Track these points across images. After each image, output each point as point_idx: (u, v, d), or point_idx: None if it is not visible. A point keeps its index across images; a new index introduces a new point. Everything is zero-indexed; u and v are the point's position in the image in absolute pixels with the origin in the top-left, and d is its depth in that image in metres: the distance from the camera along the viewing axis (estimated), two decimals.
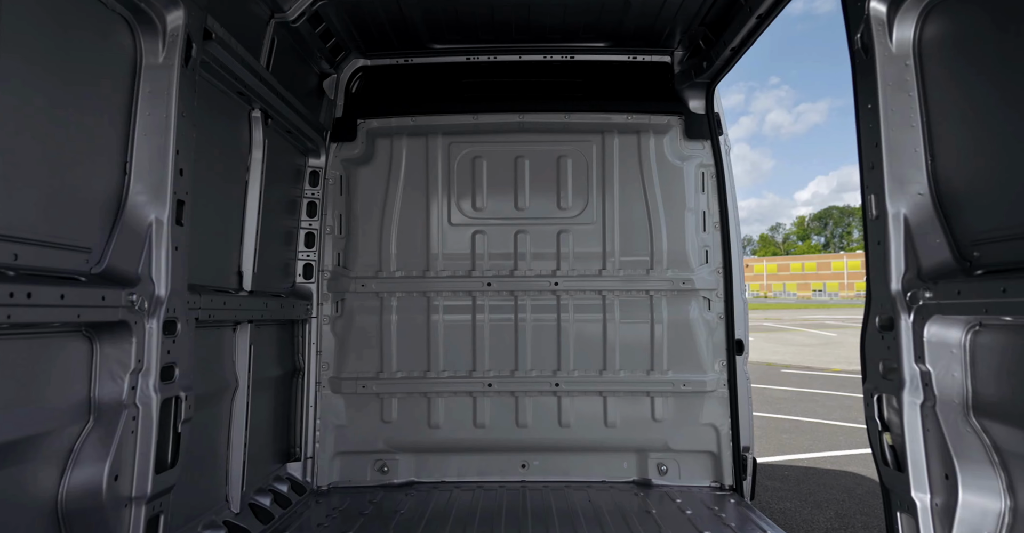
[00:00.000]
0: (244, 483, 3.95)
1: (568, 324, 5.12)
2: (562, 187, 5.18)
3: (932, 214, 2.67)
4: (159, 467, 2.72)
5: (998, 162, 2.38)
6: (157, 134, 2.79)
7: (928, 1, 2.61)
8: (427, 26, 4.76)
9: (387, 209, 5.17)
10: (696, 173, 5.10)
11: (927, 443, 2.58)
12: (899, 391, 2.66)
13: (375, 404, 5.09)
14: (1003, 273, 2.28)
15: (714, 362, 5.02)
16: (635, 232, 5.13)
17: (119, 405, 2.60)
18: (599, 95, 5.13)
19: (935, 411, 2.56)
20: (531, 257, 5.17)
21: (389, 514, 4.38)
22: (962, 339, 2.56)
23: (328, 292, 5.10)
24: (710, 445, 4.97)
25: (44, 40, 2.25)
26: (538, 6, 4.47)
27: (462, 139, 5.20)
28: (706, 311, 5.07)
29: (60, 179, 2.40)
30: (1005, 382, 2.38)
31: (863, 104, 2.85)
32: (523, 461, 5.13)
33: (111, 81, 2.66)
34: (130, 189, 2.74)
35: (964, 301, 2.41)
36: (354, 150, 5.13)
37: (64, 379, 2.45)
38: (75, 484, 2.45)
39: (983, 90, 2.44)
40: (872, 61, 2.78)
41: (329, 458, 5.01)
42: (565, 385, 5.07)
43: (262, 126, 4.05)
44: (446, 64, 5.20)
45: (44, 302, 2.15)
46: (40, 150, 2.26)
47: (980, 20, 2.44)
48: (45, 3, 2.25)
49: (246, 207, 4.03)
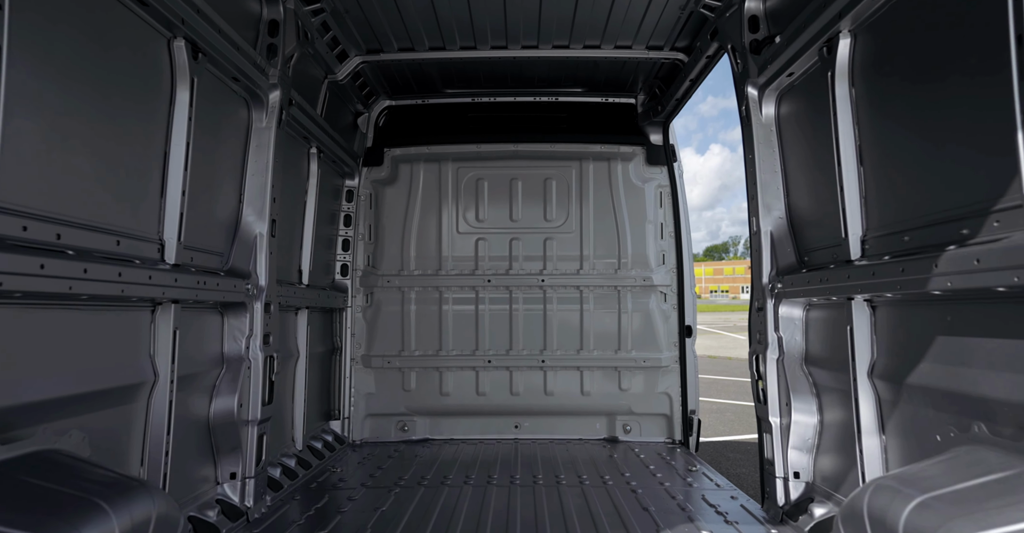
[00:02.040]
0: (304, 430, 5.22)
1: (552, 313, 6.38)
2: (548, 203, 6.45)
3: (787, 231, 3.94)
4: (264, 402, 4.00)
5: (816, 199, 3.65)
6: (259, 175, 4.07)
7: (780, 90, 3.88)
8: (440, 77, 6.04)
9: (407, 220, 6.44)
10: (655, 192, 6.37)
11: (779, 384, 3.85)
12: (766, 351, 3.92)
13: (397, 376, 6.36)
14: (817, 270, 3.54)
15: (668, 343, 6.28)
16: (606, 239, 6.39)
17: (240, 358, 3.88)
18: (578, 129, 6.40)
19: (783, 363, 3.83)
20: (523, 259, 6.44)
21: (409, 460, 5.62)
22: (801, 314, 3.83)
23: (360, 287, 6.37)
24: (664, 409, 6.23)
25: (205, 116, 3.51)
26: (529, 64, 5.75)
27: (468, 164, 6.47)
28: (663, 303, 6.33)
29: (212, 208, 3.68)
30: (820, 341, 3.65)
31: (746, 154, 4.13)
32: (516, 422, 6.39)
33: (235, 140, 3.94)
34: (243, 212, 4.02)
35: (798, 288, 3.68)
36: (381, 173, 6.41)
37: (210, 339, 3.74)
38: (217, 408, 3.74)
39: (807, 151, 3.71)
40: (750, 126, 4.05)
41: (361, 419, 6.28)
42: (549, 361, 6.34)
43: (317, 159, 5.33)
44: (455, 104, 6.47)
45: (209, 287, 3.44)
46: (201, 188, 3.53)
47: (805, 104, 3.71)
48: (208, 94, 3.51)
49: (305, 220, 5.31)
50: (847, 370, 3.24)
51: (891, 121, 2.97)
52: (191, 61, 3.24)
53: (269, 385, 4.11)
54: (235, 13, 3.77)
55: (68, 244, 2.50)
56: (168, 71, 3.20)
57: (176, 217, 3.23)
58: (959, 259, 2.32)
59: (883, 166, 3.05)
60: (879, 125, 3.06)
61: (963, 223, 2.43)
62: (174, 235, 3.23)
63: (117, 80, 2.84)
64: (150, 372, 3.14)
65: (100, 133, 2.74)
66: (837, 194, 3.27)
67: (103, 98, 2.75)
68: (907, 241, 2.80)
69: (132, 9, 2.89)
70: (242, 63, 3.68)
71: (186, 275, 3.27)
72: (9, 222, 2.21)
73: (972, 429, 2.35)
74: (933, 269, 2.44)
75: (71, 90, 2.54)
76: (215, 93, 3.64)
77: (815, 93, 3.51)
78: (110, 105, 2.80)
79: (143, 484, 2.42)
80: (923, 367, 2.76)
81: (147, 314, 3.15)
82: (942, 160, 2.60)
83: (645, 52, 5.40)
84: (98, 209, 2.73)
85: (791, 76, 3.73)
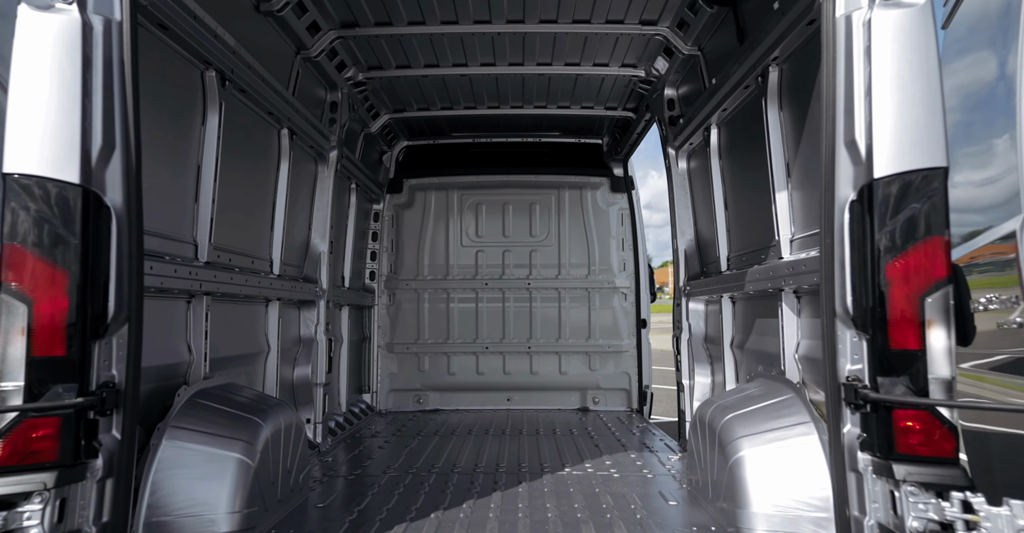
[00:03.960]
0: (346, 398, 6.89)
1: (536, 309, 8.05)
2: (532, 222, 8.12)
3: (695, 250, 5.62)
4: (326, 371, 5.67)
5: (707, 230, 5.33)
6: (322, 210, 5.74)
7: (688, 151, 5.57)
8: (448, 125, 7.72)
9: (422, 236, 8.11)
10: (617, 214, 8.04)
11: (688, 357, 5.52)
12: (681, 334, 5.60)
13: (414, 359, 8.02)
14: (709, 278, 5.21)
15: (628, 333, 7.94)
16: (579, 251, 8.05)
17: (311, 340, 5.55)
18: (556, 164, 8.07)
19: (691, 342, 5.51)
20: (513, 266, 8.10)
21: (424, 423, 7.27)
22: (703, 308, 5.51)
23: (384, 289, 8.04)
24: (625, 384, 7.90)
25: (294, 175, 5.16)
26: (516, 117, 7.41)
27: (469, 191, 8.13)
28: (623, 301, 8.00)
29: (295, 235, 5.36)
30: (711, 326, 5.34)
31: (669, 194, 5.80)
32: (508, 396, 8.05)
33: (308, 186, 5.62)
34: (312, 236, 5.69)
35: (700, 290, 5.36)
36: (401, 199, 8.08)
37: (292, 326, 5.42)
38: (297, 373, 5.41)
39: (703, 197, 5.39)
40: (671, 175, 5.73)
41: (386, 393, 7.95)
42: (534, 348, 8.00)
43: (355, 191, 7.01)
44: (459, 144, 8.15)
45: (296, 290, 5.12)
46: (291, 222, 5.20)
47: (699, 165, 5.39)
48: (297, 160, 5.17)
49: (346, 237, 6.98)
50: (722, 344, 4.93)
51: (735, 186, 4.67)
52: (289, 141, 4.93)
53: (328, 359, 5.78)
54: (312, 102, 5.46)
55: (234, 263, 4.18)
56: (276, 149, 4.89)
57: (280, 242, 4.92)
58: (752, 273, 4.01)
59: (733, 213, 4.75)
60: (732, 187, 4.76)
61: (757, 251, 4.12)
62: (279, 255, 4.91)
63: (247, 155, 4.52)
64: (265, 345, 4.83)
65: (242, 189, 4.43)
66: (715, 228, 4.95)
67: (245, 162, 4.44)
68: (744, 260, 4.49)
69: (257, 111, 4.56)
70: (315, 136, 5.36)
71: (284, 281, 4.95)
72: (215, 254, 3.89)
73: (759, 369, 4.05)
74: (744, 279, 4.13)
75: (229, 158, 4.20)
76: (301, 159, 5.32)
77: (703, 159, 5.19)
78: (243, 169, 4.48)
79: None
80: (746, 337, 4.46)
81: (263, 307, 4.84)
82: (751, 213, 4.30)
83: (603, 111, 7.08)
84: (244, 241, 4.42)
85: (692, 145, 5.42)
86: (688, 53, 5.05)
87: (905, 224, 2.31)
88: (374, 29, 5.13)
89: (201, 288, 3.67)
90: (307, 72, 5.27)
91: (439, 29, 5.11)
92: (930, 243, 2.29)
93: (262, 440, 3.47)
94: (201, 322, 3.82)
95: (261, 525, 3.40)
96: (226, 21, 3.88)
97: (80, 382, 2.28)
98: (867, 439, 2.37)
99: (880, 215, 2.33)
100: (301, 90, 5.19)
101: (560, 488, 4.32)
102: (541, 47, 5.55)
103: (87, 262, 2.30)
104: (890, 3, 2.34)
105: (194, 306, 3.80)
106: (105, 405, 2.35)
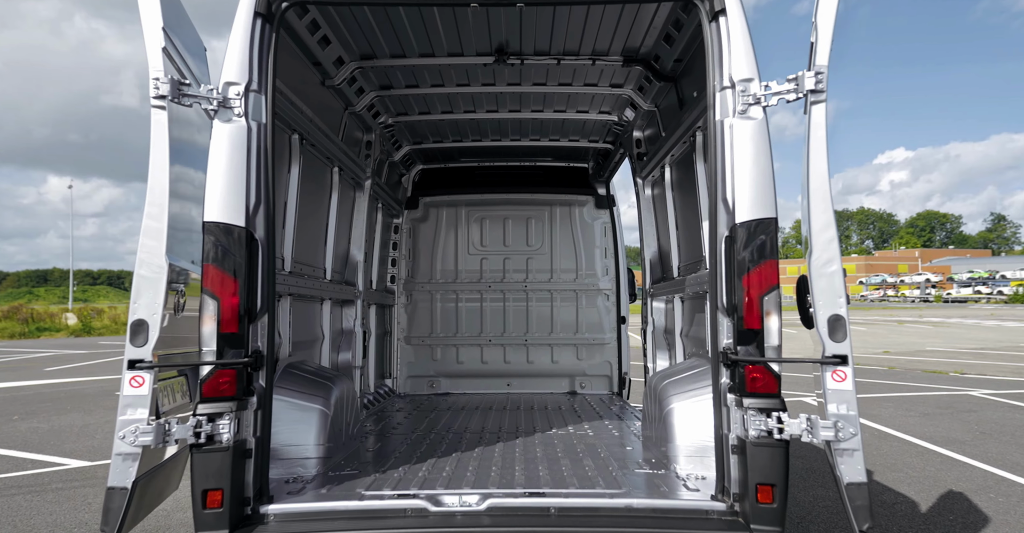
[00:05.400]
0: (373, 382, 8.33)
1: (532, 308, 9.47)
2: (529, 234, 9.55)
3: (658, 259, 7.06)
4: (362, 356, 7.09)
5: (666, 244, 6.78)
6: (359, 228, 7.18)
7: (652, 180, 7.02)
8: (458, 152, 9.16)
9: (434, 246, 9.54)
10: (601, 227, 9.47)
11: (652, 346, 6.95)
12: (647, 326, 7.04)
13: (428, 350, 9.45)
14: (667, 282, 6.65)
15: (610, 328, 9.36)
16: (568, 258, 9.48)
17: (351, 331, 6.99)
18: (549, 184, 9.50)
19: (654, 334, 6.94)
20: (512, 271, 9.53)
21: (438, 403, 8.67)
22: (663, 306, 6.95)
23: (403, 290, 9.46)
24: (607, 371, 9.33)
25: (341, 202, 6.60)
26: (515, 147, 8.84)
27: (475, 207, 9.56)
28: (606, 301, 9.43)
29: (340, 248, 6.80)
30: (669, 321, 6.78)
31: (638, 215, 7.24)
32: (507, 382, 9.47)
33: (348, 210, 7.05)
34: (351, 248, 7.13)
35: (660, 292, 6.80)
36: (417, 214, 9.51)
37: (338, 319, 6.86)
38: (340, 358, 6.84)
39: (663, 217, 6.83)
40: (639, 200, 7.17)
41: (404, 378, 9.38)
42: (530, 340, 9.42)
43: (381, 210, 8.44)
44: (467, 167, 9.58)
45: (342, 292, 6.57)
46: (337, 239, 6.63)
47: (659, 192, 6.82)
48: (343, 190, 6.60)
49: (373, 248, 8.41)
50: (675, 333, 6.36)
51: (683, 212, 6.12)
52: (339, 176, 6.37)
53: (364, 347, 7.22)
54: (352, 141, 6.90)
55: (303, 272, 5.62)
56: (329, 183, 6.34)
57: (330, 254, 6.36)
58: (691, 280, 5.46)
59: (682, 232, 6.19)
60: (681, 213, 6.20)
61: (693, 263, 5.57)
62: (329, 265, 6.35)
63: (311, 190, 5.97)
64: (320, 334, 6.27)
65: (308, 215, 5.87)
66: (670, 243, 6.39)
67: (310, 195, 5.87)
68: (688, 269, 5.93)
69: (319, 157, 5.99)
70: (355, 169, 6.81)
71: (333, 285, 6.40)
72: (296, 266, 5.32)
73: (692, 350, 5.49)
74: (686, 284, 5.57)
75: (302, 194, 5.63)
76: (345, 188, 6.77)
77: (661, 189, 6.63)
78: (308, 200, 5.92)
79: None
80: (690, 328, 5.91)
81: (319, 305, 6.28)
82: (691, 234, 5.75)
83: (587, 143, 8.52)
84: (308, 255, 5.86)
85: (654, 177, 6.86)
86: (648, 108, 6.49)
87: (753, 251, 3.73)
88: (404, 90, 6.58)
89: (287, 291, 5.11)
90: (351, 121, 6.71)
91: (454, 90, 6.56)
92: (768, 263, 3.72)
93: (334, 398, 4.92)
94: (287, 315, 5.26)
95: (335, 456, 4.84)
96: (303, 95, 5.32)
97: (244, 349, 3.71)
98: (732, 385, 3.78)
99: (740, 246, 3.75)
100: (346, 135, 6.63)
101: (547, 441, 5.75)
102: (535, 100, 7.00)
103: (247, 275, 3.73)
104: (744, 116, 3.77)
105: (282, 303, 5.23)
106: (256, 364, 3.78)
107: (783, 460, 3.55)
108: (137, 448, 3.35)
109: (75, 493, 7.32)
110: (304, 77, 5.48)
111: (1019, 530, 6.10)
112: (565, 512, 3.78)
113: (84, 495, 7.23)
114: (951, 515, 6.50)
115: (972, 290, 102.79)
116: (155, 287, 3.50)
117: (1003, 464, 8.39)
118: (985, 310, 66.06)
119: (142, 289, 3.50)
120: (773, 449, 3.54)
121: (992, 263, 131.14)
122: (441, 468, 4.69)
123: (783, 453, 3.55)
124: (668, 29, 5.29)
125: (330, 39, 5.42)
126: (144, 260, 3.52)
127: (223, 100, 3.71)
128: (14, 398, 14.49)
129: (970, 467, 8.30)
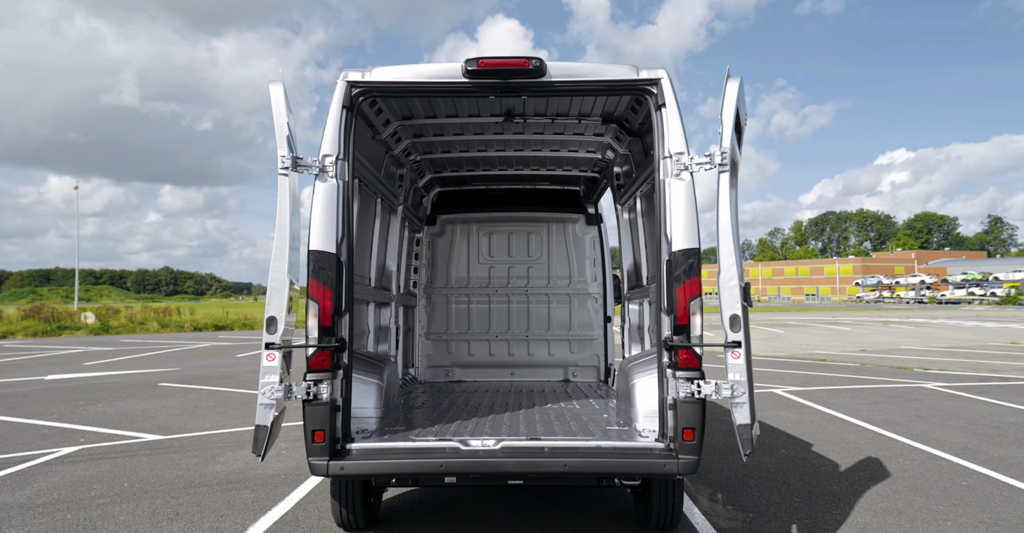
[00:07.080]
0: (401, 370, 10.05)
1: (532, 309, 11.19)
2: (529, 246, 11.27)
3: (633, 270, 8.79)
4: (396, 347, 8.81)
5: (639, 258, 8.49)
6: (394, 244, 8.91)
7: (628, 206, 8.74)
8: (471, 179, 10.89)
9: (450, 256, 11.26)
10: (590, 241, 11.19)
11: (627, 339, 8.67)
12: (624, 324, 8.76)
13: (444, 344, 11.17)
14: (640, 288, 8.36)
15: (598, 326, 11.08)
16: (562, 267, 11.20)
17: (388, 327, 8.72)
18: (547, 204, 11.23)
19: (630, 330, 8.67)
20: (515, 278, 11.24)
21: (453, 388, 10.39)
22: (637, 308, 8.67)
23: (423, 293, 11.18)
24: (595, 362, 11.05)
25: (381, 225, 8.33)
26: (518, 174, 10.56)
27: (484, 224, 11.29)
28: (595, 303, 11.15)
29: (380, 260, 8.53)
30: (640, 318, 8.50)
31: (618, 234, 8.96)
32: (511, 371, 11.18)
33: (386, 228, 8.79)
34: (387, 261, 8.86)
35: (634, 296, 8.52)
36: (435, 229, 11.24)
37: (380, 318, 8.59)
38: (379, 349, 8.57)
39: (635, 236, 8.55)
40: (619, 221, 8.90)
41: (424, 368, 11.10)
42: (531, 336, 11.14)
43: (408, 227, 10.17)
44: (478, 190, 11.31)
45: (381, 296, 8.30)
46: (378, 252, 8.36)
47: (632, 216, 8.55)
48: (382, 214, 8.33)
49: (400, 257, 10.13)
50: (644, 330, 8.09)
51: (649, 234, 7.85)
52: (380, 205, 8.11)
53: (396, 341, 8.94)
54: (389, 177, 8.63)
55: (357, 281, 7.36)
56: (373, 211, 8.07)
57: (374, 266, 8.09)
58: (653, 289, 7.18)
59: (649, 250, 7.92)
60: (649, 234, 7.92)
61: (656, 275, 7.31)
62: (374, 274, 8.08)
63: (362, 218, 7.70)
64: (366, 329, 8.00)
65: (359, 237, 7.60)
66: (641, 258, 8.10)
67: (361, 222, 7.60)
68: (652, 279, 7.66)
69: (368, 192, 7.72)
70: (391, 198, 8.54)
71: (375, 290, 8.12)
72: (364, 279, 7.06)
73: (655, 341, 7.23)
74: (649, 292, 7.30)
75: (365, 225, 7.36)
76: (383, 214, 8.50)
77: (635, 215, 8.35)
78: (360, 226, 7.65)
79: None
80: (655, 324, 7.64)
81: (365, 306, 8.01)
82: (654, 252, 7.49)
83: (578, 172, 10.25)
84: (359, 266, 7.59)
85: (630, 204, 8.59)
86: (623, 152, 8.22)
87: (684, 270, 5.44)
88: (432, 137, 8.32)
89: None
90: (389, 160, 8.43)
91: (471, 137, 8.29)
92: (694, 279, 5.43)
93: (386, 375, 6.65)
94: None
95: (387, 418, 6.57)
96: (360, 148, 7.05)
97: (334, 336, 5.43)
98: (670, 362, 5.50)
99: (675, 266, 5.46)
100: (385, 171, 8.35)
101: (544, 412, 7.48)
102: (535, 143, 8.73)
103: (336, 286, 5.45)
104: (678, 178, 5.48)
105: None
106: (342, 348, 5.50)
107: (701, 412, 5.28)
108: (272, 400, 5.08)
109: (163, 457, 9.06)
110: (361, 135, 7.21)
111: (910, 482, 7.83)
112: (555, 450, 5.50)
113: (171, 458, 8.97)
114: (861, 473, 8.24)
115: (966, 292, 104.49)
116: (281, 295, 5.23)
117: (923, 439, 10.12)
118: (974, 311, 67.77)
119: (272, 296, 5.23)
120: (694, 404, 5.27)
121: (987, 265, 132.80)
122: (465, 425, 6.42)
123: (701, 407, 5.28)
124: (633, 103, 7.03)
125: (382, 109, 7.16)
126: (274, 277, 5.25)
127: (322, 167, 5.45)
128: (71, 387, 16.23)
129: (894, 441, 10.02)
